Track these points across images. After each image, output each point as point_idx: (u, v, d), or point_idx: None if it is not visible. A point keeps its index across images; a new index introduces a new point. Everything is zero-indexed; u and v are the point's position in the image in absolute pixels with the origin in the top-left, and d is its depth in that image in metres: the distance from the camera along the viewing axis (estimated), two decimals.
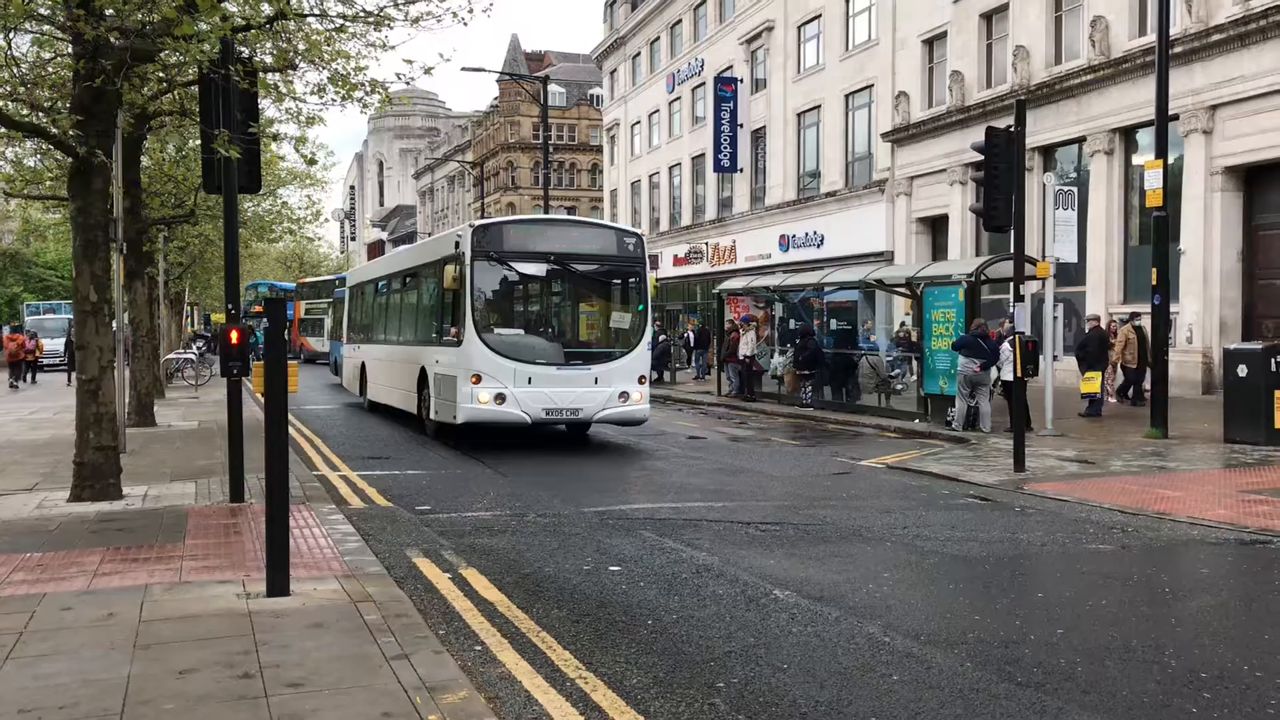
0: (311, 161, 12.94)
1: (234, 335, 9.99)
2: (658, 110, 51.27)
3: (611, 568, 8.03)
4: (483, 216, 58.54)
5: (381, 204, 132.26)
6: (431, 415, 16.57)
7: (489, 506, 10.88)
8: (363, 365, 23.42)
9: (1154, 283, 16.12)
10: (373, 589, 6.81)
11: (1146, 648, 6.00)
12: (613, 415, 15.64)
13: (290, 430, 14.31)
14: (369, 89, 10.54)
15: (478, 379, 14.89)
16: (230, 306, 10.61)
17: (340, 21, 10.78)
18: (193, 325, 60.41)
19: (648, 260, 16.62)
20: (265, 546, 6.70)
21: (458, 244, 15.59)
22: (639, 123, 53.94)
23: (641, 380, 15.84)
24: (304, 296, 55.14)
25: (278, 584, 6.61)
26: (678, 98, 48.64)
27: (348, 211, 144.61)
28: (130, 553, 7.98)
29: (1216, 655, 5.86)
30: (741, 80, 41.38)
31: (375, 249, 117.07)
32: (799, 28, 37.92)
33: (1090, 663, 5.69)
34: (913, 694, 5.20)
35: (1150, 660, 5.76)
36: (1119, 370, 20.98)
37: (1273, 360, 14.76)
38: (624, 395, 15.55)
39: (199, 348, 38.99)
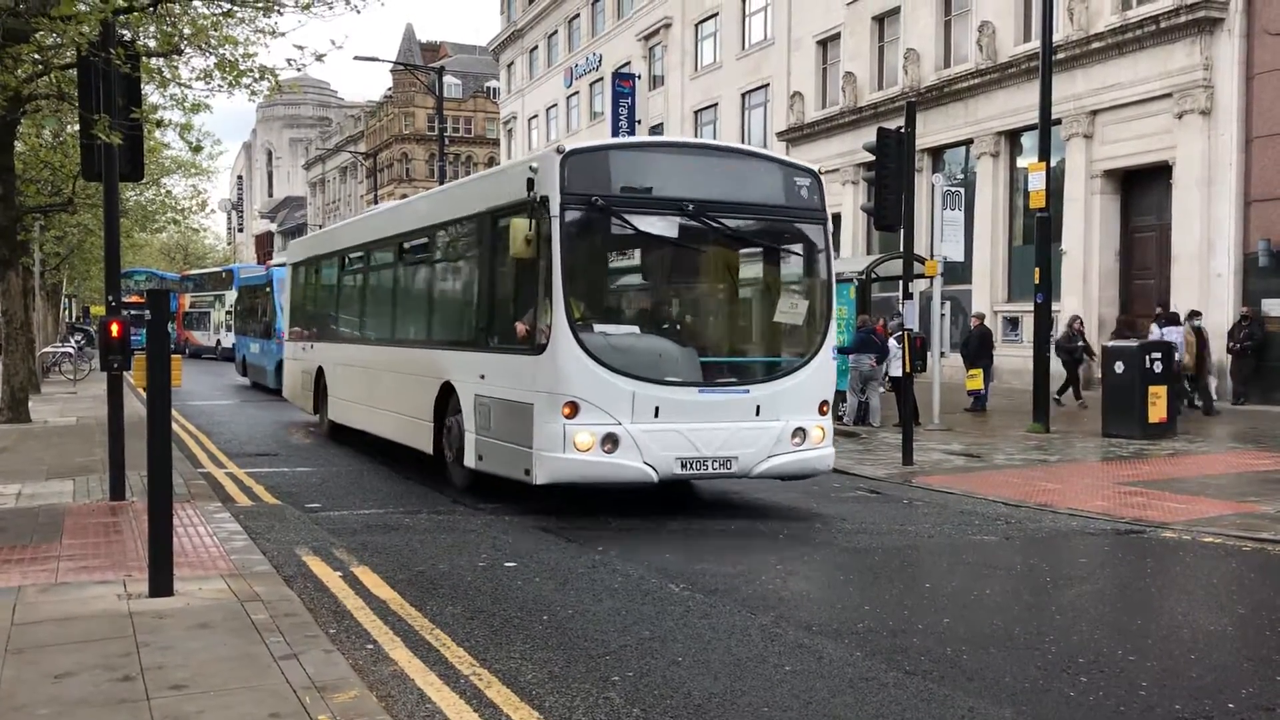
0: (197, 149, 12.62)
1: (115, 328, 9.65)
2: (555, 104, 51.12)
3: (506, 563, 7.98)
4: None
5: (270, 195, 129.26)
6: (470, 461, 10.72)
7: (381, 504, 10.73)
8: (319, 373, 16.87)
9: (1036, 282, 16.64)
10: (260, 588, 6.65)
11: (1028, 635, 6.20)
12: (784, 466, 9.98)
13: (176, 428, 13.82)
14: (258, 75, 10.29)
15: (573, 409, 9.27)
16: (111, 298, 10.25)
17: (228, 6, 10.52)
18: (71, 318, 58.26)
19: (829, 215, 10.89)
20: (148, 545, 6.49)
21: (533, 182, 9.54)
22: (536, 116, 53.72)
23: (824, 409, 10.25)
24: (189, 289, 53.65)
25: (161, 583, 6.41)
26: (575, 92, 48.57)
27: (235, 202, 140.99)
28: (2, 554, 7.65)
29: (1093, 641, 6.07)
30: (639, 76, 41.49)
31: (263, 240, 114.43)
32: (696, 25, 38.21)
33: (975, 650, 5.84)
34: (804, 684, 5.28)
35: (1032, 647, 5.95)
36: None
37: (1147, 358, 15.38)
38: (799, 434, 9.96)
39: (77, 341, 37.61)
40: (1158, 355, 15.53)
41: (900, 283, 15.74)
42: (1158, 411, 15.33)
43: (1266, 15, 19.64)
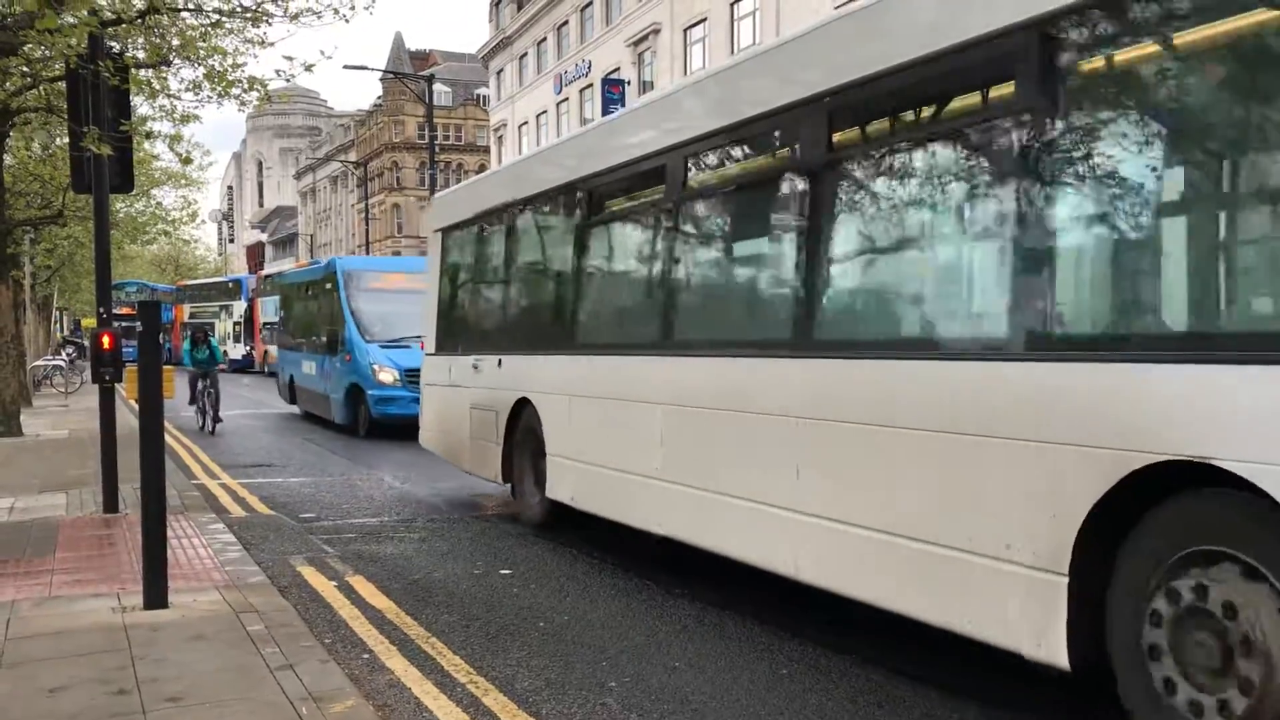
0: (187, 161, 12.63)
1: (106, 340, 9.64)
2: (545, 111, 51.18)
3: (502, 571, 7.98)
4: (367, 220, 57.63)
5: (261, 205, 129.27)
6: None
7: (375, 513, 10.71)
8: (520, 412, 9.72)
9: None
10: (255, 599, 6.64)
11: None
12: None
13: (169, 440, 13.62)
14: (247, 86, 10.30)
15: None
16: (102, 310, 10.24)
17: (216, 17, 10.52)
18: (62, 330, 58.22)
19: None
20: (142, 557, 6.47)
21: None
22: (527, 123, 53.78)
23: None
24: (186, 300, 53.73)
25: (155, 596, 6.39)
26: (565, 99, 48.63)
27: (226, 213, 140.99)
28: None
29: None
30: (629, 82, 41.55)
31: (254, 251, 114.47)
32: (685, 31, 38.27)
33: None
34: (801, 686, 5.28)
35: None
36: None
37: None
38: None
39: (69, 353, 37.57)
40: None
41: None
42: None
43: None
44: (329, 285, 20.57)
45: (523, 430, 9.68)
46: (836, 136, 6.10)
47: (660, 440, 7.37)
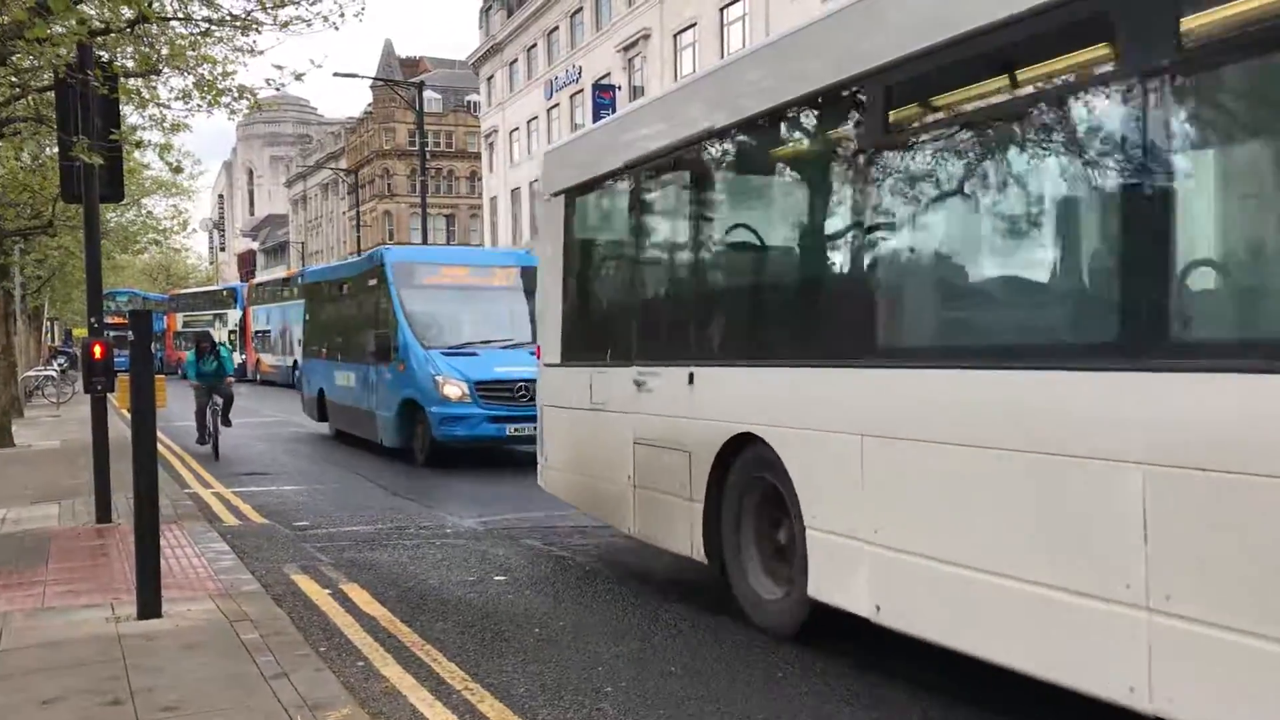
0: (177, 170, 12.58)
1: (98, 349, 9.61)
2: (536, 117, 51.21)
3: (497, 577, 7.97)
4: (359, 227, 57.64)
5: (252, 213, 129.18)
6: None
7: (370, 521, 10.69)
8: (752, 452, 6.27)
9: None
10: (250, 608, 6.62)
11: None
12: None
13: (160, 449, 13.38)
14: (237, 94, 10.27)
15: None
16: (93, 320, 10.21)
17: (205, 26, 10.48)
18: (53, 341, 58.10)
19: None
20: (135, 567, 6.45)
21: None
22: (518, 130, 53.80)
23: None
24: (179, 308, 53.70)
25: (149, 605, 6.37)
26: (556, 105, 48.66)
27: (216, 221, 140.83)
28: None
29: None
30: (620, 88, 41.59)
31: (246, 259, 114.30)
32: (675, 36, 38.34)
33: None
34: (797, 689, 5.29)
35: None
36: None
37: None
38: None
39: (60, 364, 37.48)
40: None
41: None
42: None
43: None
44: (374, 282, 16.99)
45: (741, 482, 6.49)
46: None
47: (1142, 535, 3.85)
